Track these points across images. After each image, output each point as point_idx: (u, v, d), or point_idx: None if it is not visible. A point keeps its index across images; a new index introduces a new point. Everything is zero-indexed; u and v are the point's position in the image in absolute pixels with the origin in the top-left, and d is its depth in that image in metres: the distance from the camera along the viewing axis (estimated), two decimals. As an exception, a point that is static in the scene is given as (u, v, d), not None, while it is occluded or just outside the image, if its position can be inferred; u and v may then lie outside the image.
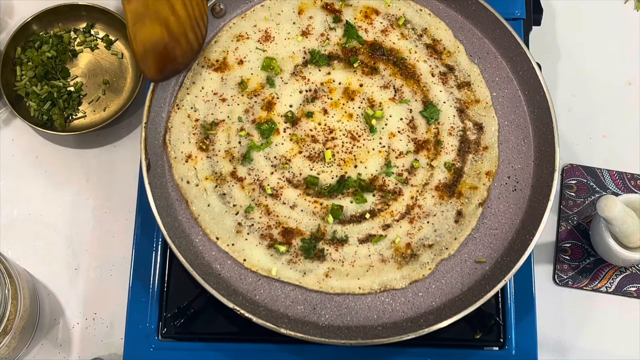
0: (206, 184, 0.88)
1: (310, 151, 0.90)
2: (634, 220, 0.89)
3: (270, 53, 0.93)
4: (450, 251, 0.87)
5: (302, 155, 0.90)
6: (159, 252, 0.92)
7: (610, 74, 1.08)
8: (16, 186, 1.02)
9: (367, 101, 0.92)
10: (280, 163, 0.90)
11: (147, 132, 0.88)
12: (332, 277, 0.86)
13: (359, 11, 0.95)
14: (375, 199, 0.89)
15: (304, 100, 0.92)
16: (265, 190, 0.88)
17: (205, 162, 0.89)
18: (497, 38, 0.94)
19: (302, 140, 0.90)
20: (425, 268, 0.87)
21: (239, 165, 0.89)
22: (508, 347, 0.90)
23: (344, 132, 0.91)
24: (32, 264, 0.98)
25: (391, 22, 0.95)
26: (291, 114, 0.91)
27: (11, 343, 0.89)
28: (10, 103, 1.00)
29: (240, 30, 0.93)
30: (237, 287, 0.86)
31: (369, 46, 0.94)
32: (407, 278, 0.86)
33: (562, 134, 0.88)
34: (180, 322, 0.89)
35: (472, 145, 0.91)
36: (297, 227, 0.88)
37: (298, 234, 0.87)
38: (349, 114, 0.92)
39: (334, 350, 0.89)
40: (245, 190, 0.88)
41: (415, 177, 0.90)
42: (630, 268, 0.99)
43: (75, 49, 1.06)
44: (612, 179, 1.03)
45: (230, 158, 0.90)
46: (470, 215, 0.89)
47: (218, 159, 0.89)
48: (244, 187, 0.89)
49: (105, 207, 1.01)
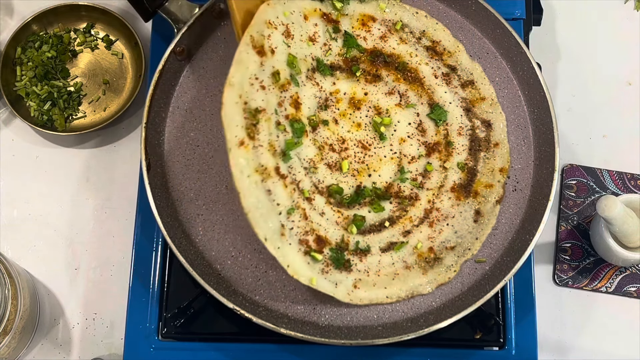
0: (255, 177, 0.80)
1: (329, 160, 0.88)
2: (634, 220, 0.89)
3: (292, 50, 0.87)
4: (473, 251, 0.87)
5: (324, 163, 0.88)
6: (159, 252, 0.92)
7: (610, 74, 1.08)
8: (16, 186, 1.02)
9: (373, 109, 0.91)
10: (310, 167, 0.87)
11: (147, 132, 0.88)
12: (359, 287, 0.85)
13: (356, 19, 0.93)
14: (393, 206, 0.89)
15: (318, 106, 0.90)
16: (303, 192, 0.85)
17: (252, 152, 0.80)
18: (497, 38, 0.94)
19: (322, 148, 0.88)
20: (451, 270, 0.86)
21: (280, 161, 0.83)
22: (508, 347, 0.90)
23: (355, 142, 0.90)
24: (32, 264, 0.98)
25: (389, 28, 0.94)
26: (314, 118, 0.88)
27: (11, 343, 0.89)
28: (10, 103, 1.00)
29: (268, 16, 0.86)
30: (237, 287, 0.86)
31: (370, 54, 0.93)
32: (433, 282, 0.86)
33: (562, 134, 0.88)
34: (180, 322, 0.89)
35: (483, 143, 0.91)
36: (325, 236, 0.85)
37: (328, 243, 0.85)
38: (357, 124, 0.90)
39: (334, 350, 0.89)
40: (287, 190, 0.82)
41: (430, 181, 0.90)
42: (630, 268, 0.99)
43: (75, 49, 1.06)
44: (612, 179, 1.03)
45: (273, 152, 0.82)
46: (489, 213, 0.88)
47: (263, 151, 0.81)
48: (286, 185, 0.82)
49: (105, 207, 1.01)
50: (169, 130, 0.92)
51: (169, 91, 0.93)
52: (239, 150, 0.78)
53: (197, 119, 0.92)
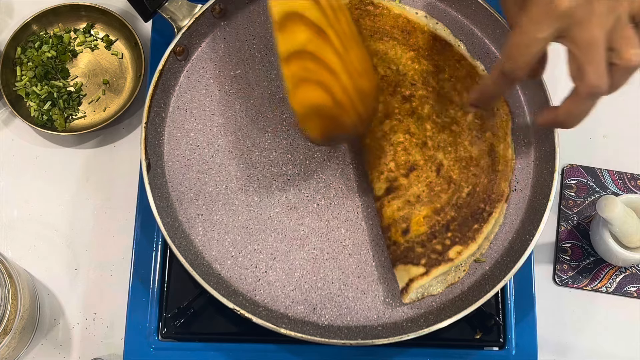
0: None
1: None
2: (634, 220, 0.89)
3: None
4: (481, 250, 0.87)
5: None
6: (159, 252, 0.92)
7: (610, 74, 1.08)
8: (16, 186, 1.02)
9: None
10: None
11: (147, 132, 0.88)
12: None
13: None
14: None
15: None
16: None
17: None
18: (497, 38, 0.94)
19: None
20: (460, 270, 0.86)
21: None
22: (508, 347, 0.90)
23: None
24: (32, 264, 0.98)
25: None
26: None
27: (11, 343, 0.89)
28: (10, 103, 1.00)
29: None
30: (237, 287, 0.86)
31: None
32: (443, 282, 0.86)
33: (562, 134, 0.88)
34: (180, 322, 0.89)
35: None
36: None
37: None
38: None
39: (334, 351, 0.89)
40: None
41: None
42: (630, 268, 0.99)
43: (75, 49, 1.06)
44: (612, 179, 1.03)
45: None
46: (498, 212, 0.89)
47: None
48: None
49: (105, 207, 1.01)
50: (169, 130, 0.92)
51: (169, 91, 0.93)
52: None
53: (197, 119, 0.93)
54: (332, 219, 0.89)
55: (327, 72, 0.73)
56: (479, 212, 0.86)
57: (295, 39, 0.71)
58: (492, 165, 0.88)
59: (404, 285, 0.83)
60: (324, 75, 0.73)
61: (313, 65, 0.72)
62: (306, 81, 0.73)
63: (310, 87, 0.73)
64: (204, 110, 0.93)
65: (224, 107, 0.93)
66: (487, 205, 0.86)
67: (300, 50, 0.71)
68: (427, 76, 0.90)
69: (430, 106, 0.89)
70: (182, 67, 0.94)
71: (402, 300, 0.84)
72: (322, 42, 0.72)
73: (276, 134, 0.92)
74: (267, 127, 0.93)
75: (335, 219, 0.89)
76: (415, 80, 0.90)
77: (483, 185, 0.87)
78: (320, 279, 0.87)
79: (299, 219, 0.89)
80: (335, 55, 0.73)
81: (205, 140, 0.92)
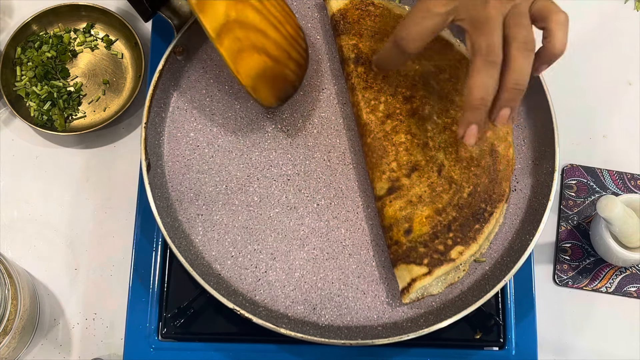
0: None
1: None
2: (634, 220, 0.89)
3: None
4: (482, 250, 0.87)
5: None
6: (159, 252, 0.92)
7: (610, 74, 1.08)
8: (16, 186, 1.02)
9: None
10: None
11: (147, 132, 0.88)
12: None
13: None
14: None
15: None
16: None
17: None
18: (497, 38, 0.94)
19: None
20: (460, 270, 0.86)
21: None
22: (508, 347, 0.90)
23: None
24: (32, 264, 0.98)
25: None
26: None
27: (11, 343, 0.89)
28: (10, 103, 1.00)
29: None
30: (237, 287, 0.86)
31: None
32: (443, 282, 0.86)
33: (562, 134, 0.88)
34: (180, 322, 0.89)
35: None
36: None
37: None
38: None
39: (334, 350, 0.89)
40: None
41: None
42: (630, 268, 0.99)
43: (75, 49, 1.06)
44: (612, 179, 1.03)
45: None
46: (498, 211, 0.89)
47: None
48: None
49: (105, 207, 1.01)
50: (169, 130, 0.92)
51: (169, 91, 0.93)
52: None
53: (197, 119, 0.93)
54: (332, 219, 0.89)
55: (256, 33, 0.76)
56: (480, 212, 0.86)
57: (216, 12, 0.74)
58: (493, 165, 0.88)
59: (406, 284, 0.83)
60: (254, 37, 0.76)
61: (241, 32, 0.75)
62: (242, 51, 0.76)
63: (247, 54, 0.76)
64: (204, 110, 0.93)
65: (224, 107, 0.93)
66: (488, 206, 0.86)
67: (225, 22, 0.74)
68: (428, 77, 0.90)
69: (431, 107, 0.89)
70: (182, 67, 0.94)
71: (402, 300, 0.84)
72: (240, 3, 0.75)
73: (276, 134, 0.92)
74: (267, 127, 0.93)
75: (335, 219, 0.89)
76: (416, 80, 0.90)
77: (484, 186, 0.87)
78: (320, 279, 0.87)
79: (299, 219, 0.89)
80: (256, 12, 0.76)
81: (205, 140, 0.92)
